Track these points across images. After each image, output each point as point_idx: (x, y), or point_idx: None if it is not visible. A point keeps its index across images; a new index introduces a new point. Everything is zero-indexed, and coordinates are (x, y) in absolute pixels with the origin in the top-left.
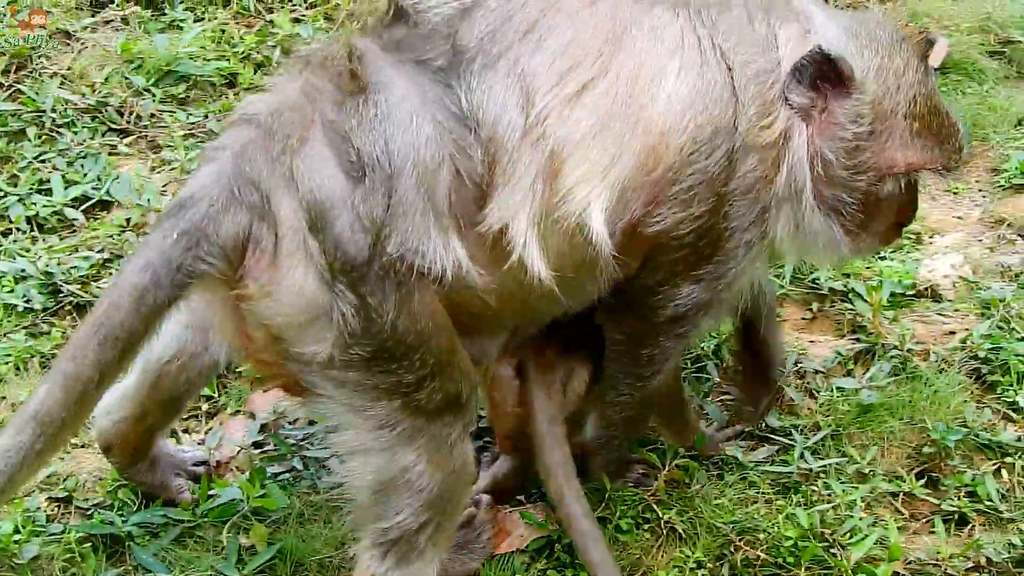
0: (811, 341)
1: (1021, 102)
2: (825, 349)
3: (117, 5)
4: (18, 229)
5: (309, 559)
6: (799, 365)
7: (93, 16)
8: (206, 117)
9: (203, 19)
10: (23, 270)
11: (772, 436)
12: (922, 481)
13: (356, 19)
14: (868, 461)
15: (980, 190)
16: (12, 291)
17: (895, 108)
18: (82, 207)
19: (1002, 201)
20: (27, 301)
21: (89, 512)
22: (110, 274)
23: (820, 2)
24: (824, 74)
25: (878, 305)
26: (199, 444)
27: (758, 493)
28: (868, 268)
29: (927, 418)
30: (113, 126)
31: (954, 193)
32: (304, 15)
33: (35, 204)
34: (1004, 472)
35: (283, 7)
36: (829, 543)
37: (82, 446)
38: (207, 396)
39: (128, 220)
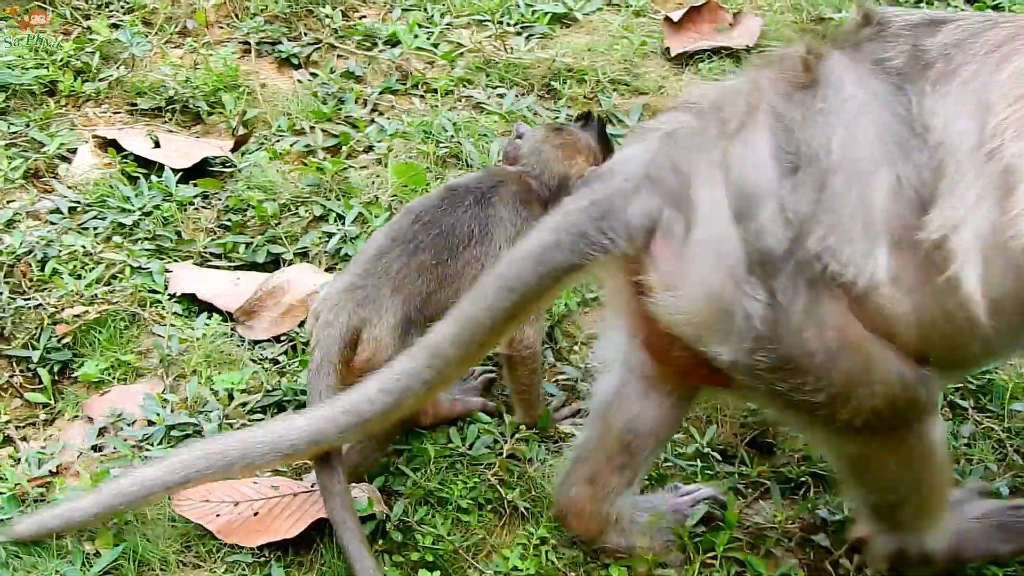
0: None
1: None
2: None
3: None
4: None
5: (153, 557)
6: None
7: None
8: (27, 126)
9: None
10: None
11: None
12: (756, 450)
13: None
14: (708, 441)
15: None
16: None
17: None
18: None
19: None
20: None
21: None
22: None
23: None
24: None
25: None
26: (40, 451)
27: None
28: None
29: None
30: None
31: None
32: (122, 20)
33: None
34: None
35: (100, 13)
36: None
37: None
38: (43, 403)
39: None
